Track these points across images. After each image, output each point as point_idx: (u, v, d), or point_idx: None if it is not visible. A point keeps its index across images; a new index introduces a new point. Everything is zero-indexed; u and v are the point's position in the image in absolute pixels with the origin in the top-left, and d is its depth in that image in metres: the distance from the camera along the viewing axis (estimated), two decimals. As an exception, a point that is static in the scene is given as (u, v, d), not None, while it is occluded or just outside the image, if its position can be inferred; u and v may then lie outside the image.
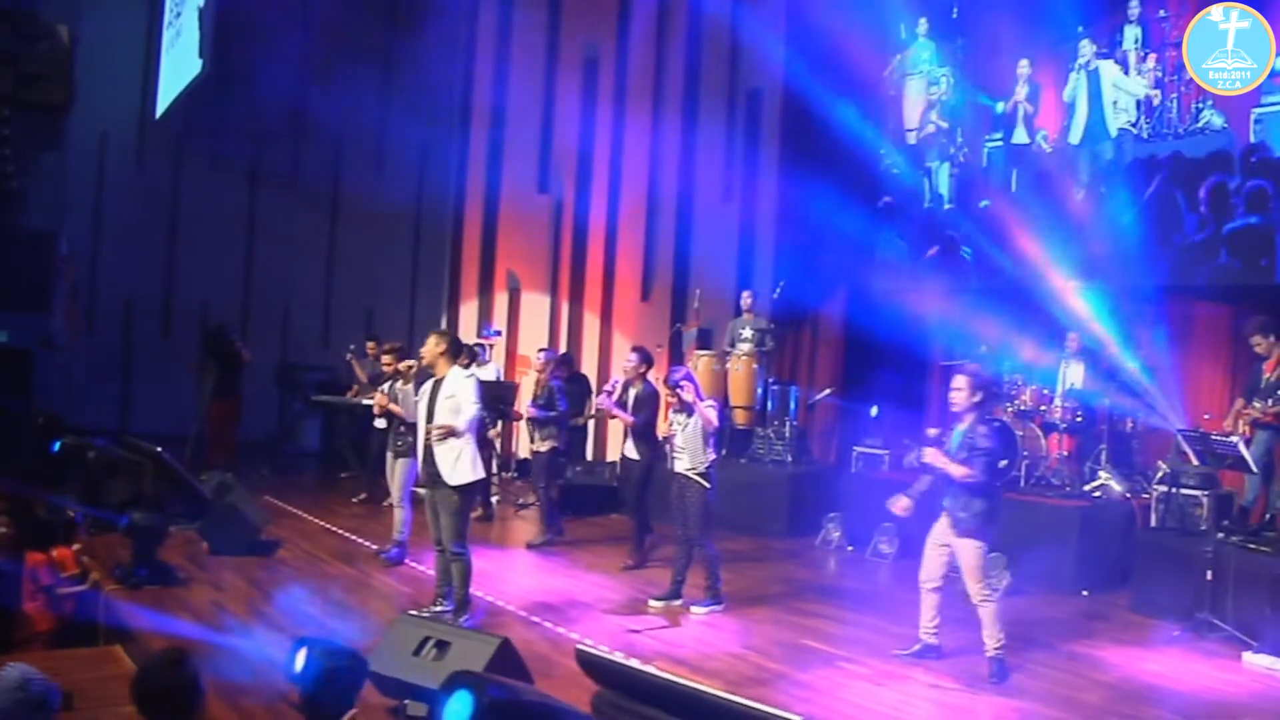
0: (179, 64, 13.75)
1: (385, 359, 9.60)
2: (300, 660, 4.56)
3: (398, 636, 5.50)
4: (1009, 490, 9.45)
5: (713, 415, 7.89)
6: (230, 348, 12.39)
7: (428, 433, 7.12)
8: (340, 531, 10.15)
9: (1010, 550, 8.76)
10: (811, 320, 12.93)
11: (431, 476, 7.21)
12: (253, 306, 15.81)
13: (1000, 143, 11.53)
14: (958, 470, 6.41)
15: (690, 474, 7.81)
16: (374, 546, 9.35)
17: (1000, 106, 11.42)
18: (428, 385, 7.34)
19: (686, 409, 7.85)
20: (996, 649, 6.41)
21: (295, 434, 15.52)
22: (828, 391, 11.98)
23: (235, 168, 15.37)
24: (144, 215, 15.17)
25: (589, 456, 13.72)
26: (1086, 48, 10.58)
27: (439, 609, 7.23)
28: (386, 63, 15.09)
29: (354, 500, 11.58)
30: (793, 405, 11.71)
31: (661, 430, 8.54)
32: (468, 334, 14.84)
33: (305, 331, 16.03)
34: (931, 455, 6.59)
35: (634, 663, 4.25)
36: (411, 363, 9.00)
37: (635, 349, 9.72)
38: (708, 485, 7.82)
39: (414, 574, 8.63)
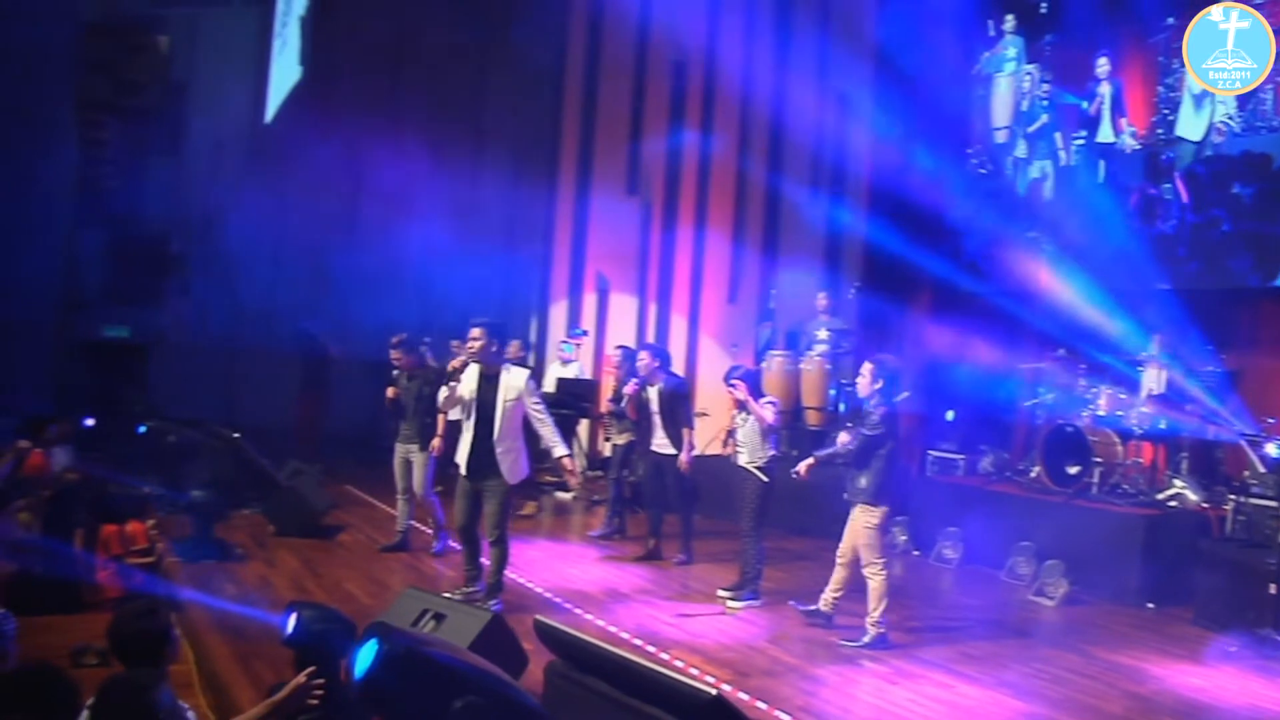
0: (286, 71, 14.34)
1: (394, 354, 9.32)
2: (291, 623, 4.77)
3: (401, 608, 5.65)
4: (1078, 498, 9.21)
5: (767, 413, 7.90)
6: (316, 344, 12.84)
7: (478, 426, 7.23)
8: (414, 523, 10.37)
9: (1072, 558, 8.49)
10: (894, 322, 12.71)
11: (481, 469, 7.28)
12: (350, 305, 16.29)
13: (1084, 140, 11.16)
14: (843, 438, 7.12)
15: (750, 467, 7.90)
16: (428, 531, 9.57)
17: (1086, 104, 11.06)
18: (472, 376, 7.40)
19: (743, 406, 7.91)
20: (875, 622, 6.86)
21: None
22: (904, 395, 11.72)
23: (338, 172, 15.89)
24: (253, 217, 15.83)
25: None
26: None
27: (470, 590, 7.37)
28: (480, 67, 15.41)
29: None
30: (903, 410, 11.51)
31: (723, 423, 8.59)
32: (557, 334, 15.04)
33: (406, 330, 16.42)
34: (801, 466, 7.40)
35: (582, 635, 4.27)
36: (462, 359, 9.13)
37: (645, 346, 9.77)
38: (766, 479, 7.86)
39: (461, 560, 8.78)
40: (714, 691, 3.55)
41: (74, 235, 15.22)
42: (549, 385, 12.62)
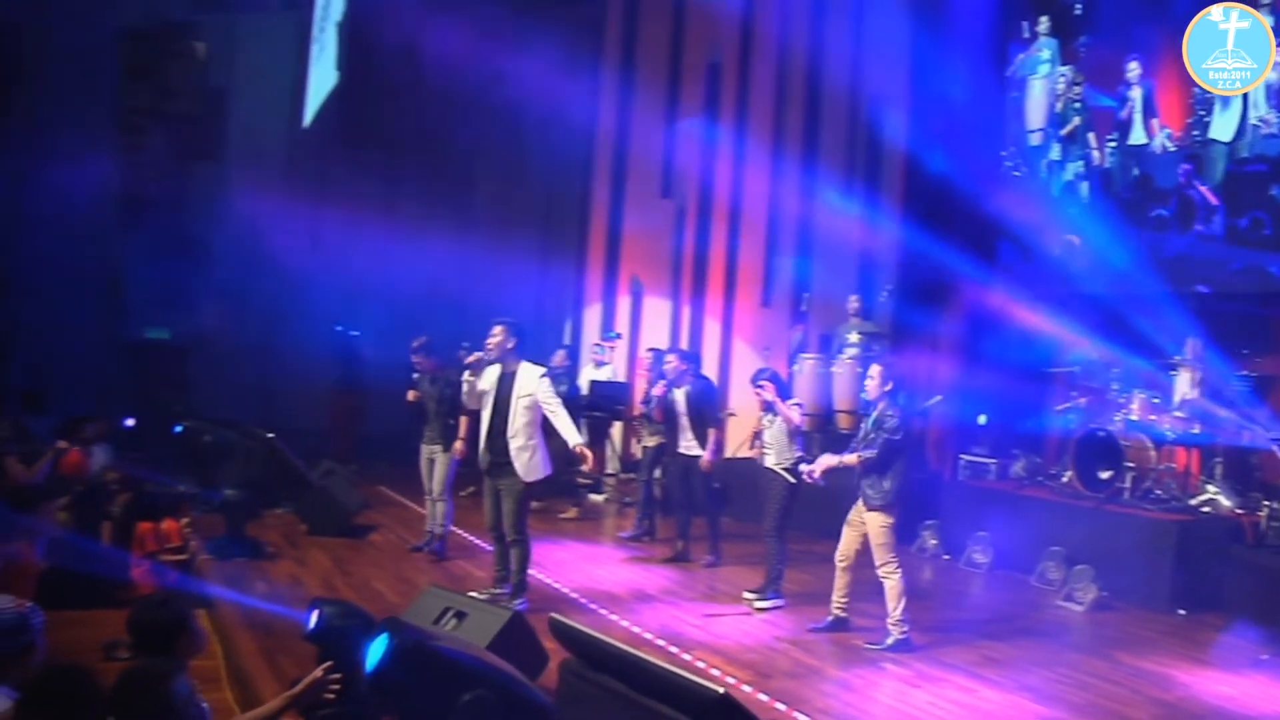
0: (323, 75, 14.52)
1: (416, 357, 9.40)
2: (313, 619, 4.85)
3: (424, 605, 5.73)
4: (1109, 503, 9.14)
5: (794, 414, 7.93)
6: (351, 347, 12.98)
7: (494, 420, 7.34)
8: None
9: (1101, 563, 8.43)
10: (927, 325, 12.65)
11: (499, 466, 7.40)
12: (389, 308, 16.45)
13: (1116, 143, 11.06)
14: (852, 459, 7.02)
15: (777, 468, 7.93)
16: (467, 535, 9.65)
17: (1118, 107, 10.96)
18: (492, 374, 7.50)
19: (770, 407, 7.94)
20: (895, 622, 6.90)
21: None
22: (937, 399, 11.71)
23: (374, 176, 16.06)
24: (291, 221, 16.00)
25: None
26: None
27: (498, 591, 7.44)
28: (516, 71, 15.50)
29: (461, 494, 11.93)
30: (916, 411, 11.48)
31: (751, 425, 8.61)
32: (591, 337, 15.11)
33: (438, 333, 16.56)
34: (824, 461, 7.24)
35: (594, 633, 4.30)
36: (479, 355, 9.20)
37: (673, 349, 9.80)
38: (792, 480, 7.87)
39: (489, 559, 8.85)
40: (721, 690, 3.55)
41: (117, 239, 15.47)
42: (582, 388, 12.69)
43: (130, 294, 15.32)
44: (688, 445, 9.30)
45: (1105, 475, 9.37)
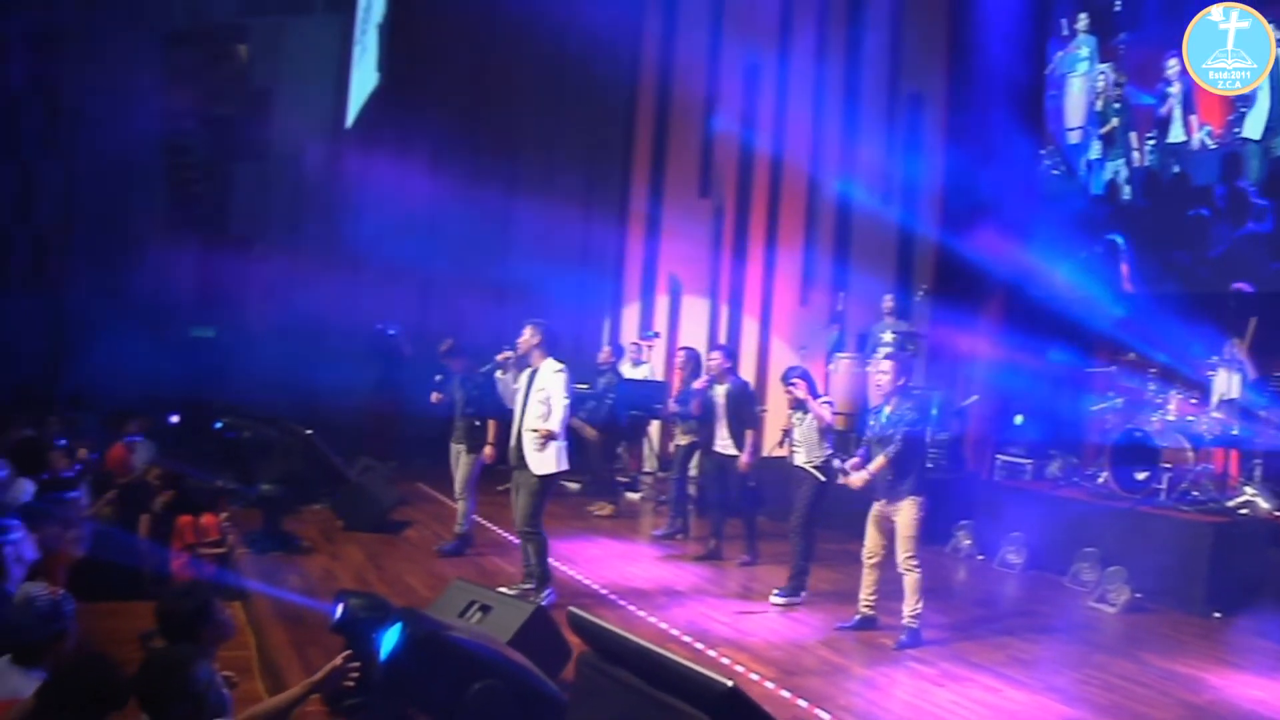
0: (365, 77, 14.70)
1: (444, 360, 9.50)
2: (339, 611, 4.96)
3: (450, 599, 5.81)
4: (1144, 504, 9.05)
5: (825, 412, 7.96)
6: (392, 345, 13.14)
7: (519, 417, 7.45)
8: (477, 518, 10.56)
9: (1136, 564, 8.34)
10: (964, 324, 12.58)
11: (518, 458, 7.52)
12: (429, 306, 16.64)
13: (1155, 141, 10.93)
14: (880, 461, 7.01)
15: (807, 467, 7.95)
16: (501, 531, 9.74)
17: (1158, 104, 10.85)
18: (525, 374, 7.65)
19: (800, 405, 7.96)
20: (912, 618, 6.95)
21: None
22: (974, 399, 11.65)
23: (415, 173, 16.21)
24: (334, 220, 16.24)
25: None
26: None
27: (527, 586, 7.52)
28: (556, 68, 15.62)
29: (500, 489, 12.04)
30: (934, 411, 11.42)
31: (782, 424, 8.61)
32: (629, 336, 15.16)
33: (477, 333, 16.72)
34: (859, 478, 7.17)
35: (609, 626, 4.36)
36: (509, 353, 9.24)
37: (717, 346, 9.79)
38: (822, 479, 7.90)
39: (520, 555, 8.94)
40: (729, 683, 3.59)
41: (165, 239, 15.78)
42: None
43: (176, 294, 15.62)
44: (724, 444, 9.32)
45: (1141, 476, 9.28)
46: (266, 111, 15.68)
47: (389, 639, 3.44)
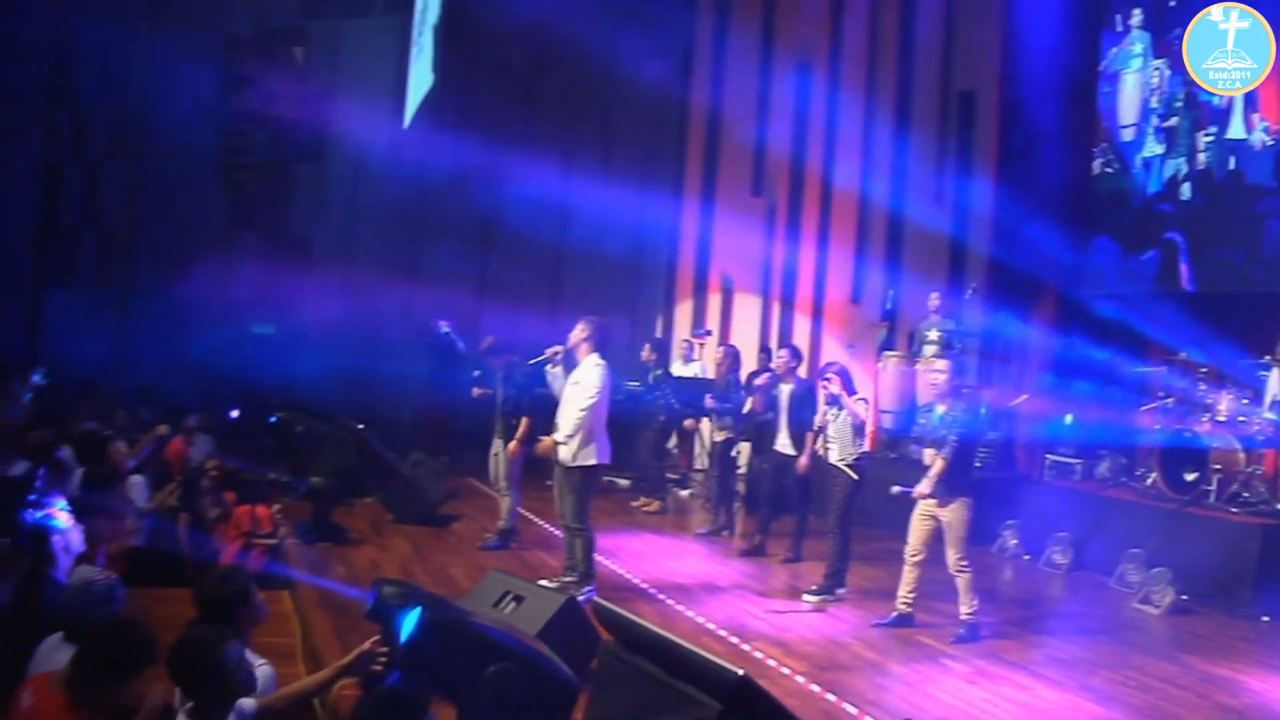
0: (421, 78, 14.93)
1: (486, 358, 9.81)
2: (373, 598, 5.10)
3: (485, 589, 5.96)
4: (1193, 505, 8.95)
5: (860, 409, 7.98)
6: (447, 342, 13.33)
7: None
8: (524, 512, 10.71)
9: (1185, 567, 8.26)
10: (1016, 323, 12.49)
11: (560, 453, 7.64)
12: (484, 304, 16.84)
13: (1214, 137, 10.76)
14: (939, 466, 7.03)
15: (840, 464, 7.98)
16: (547, 526, 9.88)
17: (1217, 99, 10.66)
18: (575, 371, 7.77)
19: (834, 401, 7.99)
20: (969, 614, 7.03)
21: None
22: (1023, 398, 11.56)
23: (470, 175, 16.42)
24: (391, 218, 16.49)
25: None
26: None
27: (568, 579, 7.64)
28: (609, 69, 15.72)
29: (547, 483, 12.18)
30: (981, 410, 11.36)
31: (817, 420, 8.64)
32: (682, 333, 15.24)
33: (531, 332, 16.90)
34: (923, 487, 7.13)
35: (630, 615, 4.45)
36: (558, 348, 9.37)
37: (787, 345, 9.82)
38: (855, 476, 7.93)
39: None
40: (740, 672, 3.68)
41: (226, 238, 16.15)
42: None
43: (237, 291, 15.99)
44: (783, 443, 9.37)
45: (1191, 477, 9.18)
46: (324, 113, 15.99)
47: (409, 623, 3.57)
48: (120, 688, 3.74)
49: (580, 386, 7.51)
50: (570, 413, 7.52)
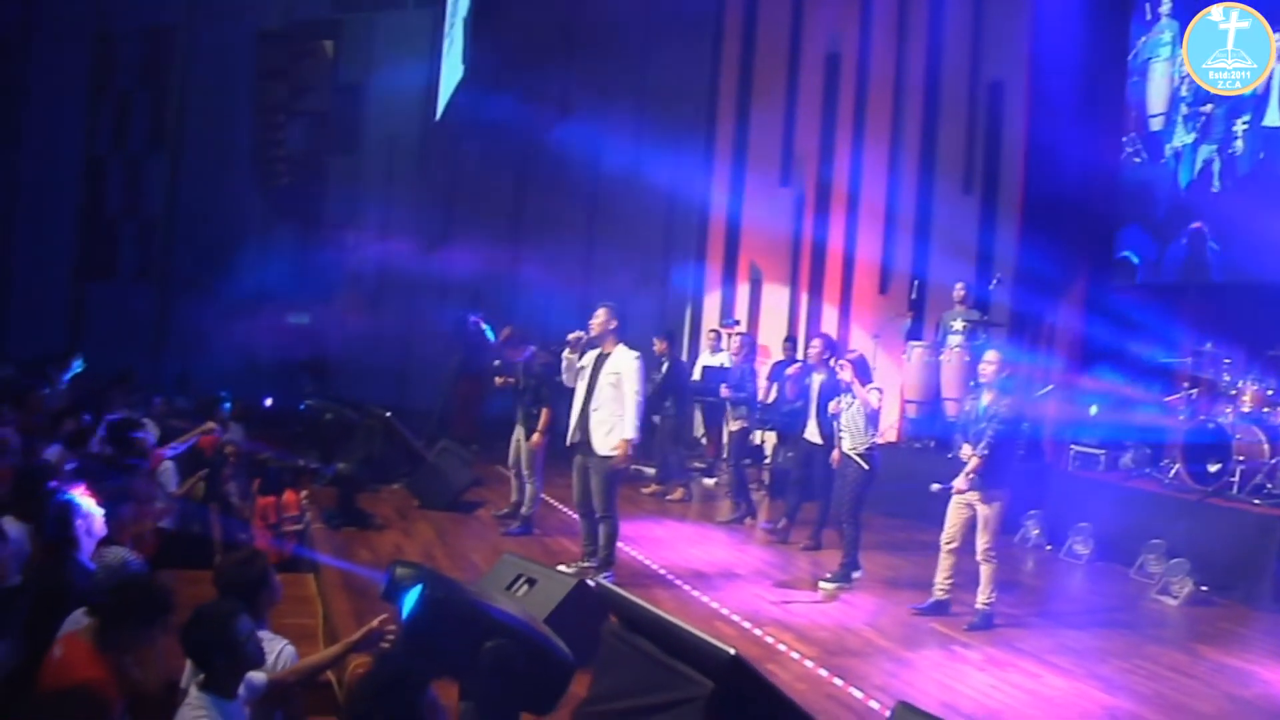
0: (452, 70, 15.09)
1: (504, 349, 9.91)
2: (386, 579, 5.24)
3: (499, 572, 6.09)
4: (1215, 496, 8.92)
5: (873, 399, 8.02)
6: (474, 332, 13.49)
7: (586, 398, 7.66)
8: (548, 499, 10.84)
9: (1205, 558, 8.25)
10: (1041, 313, 12.47)
11: (586, 444, 7.71)
12: (518, 294, 16.98)
13: (1249, 124, 10.68)
14: (975, 461, 7.07)
15: (851, 453, 8.02)
16: (569, 512, 10.00)
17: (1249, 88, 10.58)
18: (591, 356, 7.83)
19: (847, 390, 8.03)
20: (986, 603, 7.06)
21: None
22: (1049, 388, 11.54)
23: (503, 166, 16.57)
24: (425, 209, 16.67)
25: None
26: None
27: (586, 565, 7.75)
28: (639, 61, 15.81)
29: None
30: (1024, 402, 11.35)
31: (830, 407, 8.69)
32: (710, 324, 15.31)
33: (563, 319, 17.03)
34: (960, 482, 7.19)
35: (629, 596, 4.57)
36: (580, 334, 9.40)
37: (820, 335, 9.85)
38: (866, 466, 7.97)
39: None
40: (732, 651, 3.79)
41: (262, 229, 16.41)
42: (695, 373, 12.91)
43: (273, 281, 16.25)
44: (811, 433, 9.42)
45: (1214, 469, 9.14)
46: (358, 105, 16.21)
47: (410, 600, 3.69)
48: (140, 635, 3.98)
49: (624, 380, 7.57)
50: (627, 408, 7.55)
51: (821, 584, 7.93)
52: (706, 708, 3.78)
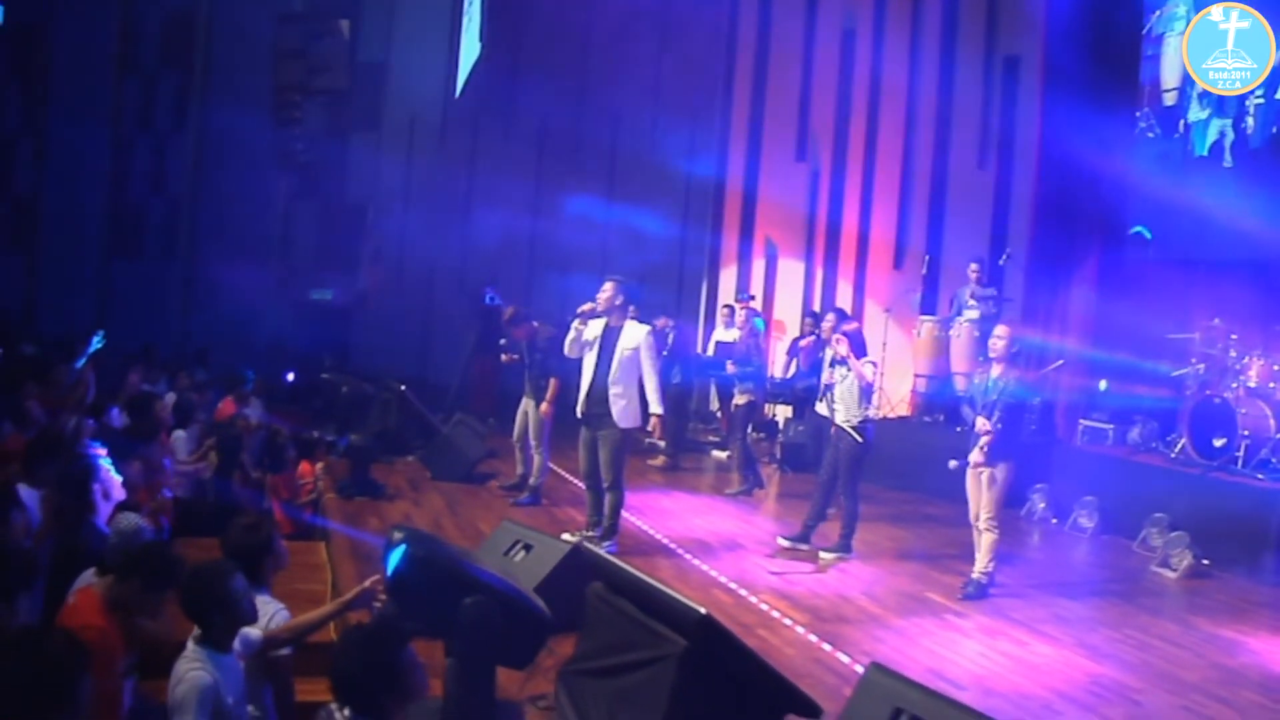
0: (470, 48, 15.21)
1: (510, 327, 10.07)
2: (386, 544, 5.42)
3: (497, 538, 6.26)
4: (1218, 471, 8.97)
5: (868, 372, 8.10)
6: (490, 309, 13.67)
7: (596, 371, 7.79)
8: (560, 471, 10.97)
9: (1207, 531, 8.31)
10: (1052, 289, 12.48)
11: (597, 416, 7.85)
12: (535, 271, 17.16)
13: (1264, 99, 10.62)
14: (986, 440, 7.12)
15: (845, 426, 8.10)
16: (578, 482, 10.15)
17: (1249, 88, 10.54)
18: (597, 327, 7.94)
19: (842, 362, 8.11)
20: (983, 572, 7.17)
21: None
22: (1058, 363, 11.56)
23: (522, 145, 16.69)
24: (445, 186, 16.83)
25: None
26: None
27: (590, 534, 7.90)
28: (656, 37, 15.86)
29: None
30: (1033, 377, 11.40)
31: (823, 379, 8.76)
32: (726, 298, 15.41)
33: (582, 297, 17.16)
34: (975, 457, 7.22)
35: (612, 560, 4.71)
36: (589, 305, 9.40)
37: (834, 309, 9.93)
38: (860, 439, 8.05)
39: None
40: (703, 610, 3.93)
41: (283, 207, 16.63)
42: (710, 349, 13.03)
43: (296, 258, 16.50)
44: (823, 406, 9.49)
45: (1219, 443, 9.19)
46: (378, 83, 16.36)
47: (394, 558, 3.85)
48: (147, 600, 4.21)
49: (638, 352, 7.72)
50: (649, 383, 7.75)
51: (821, 554, 8.04)
52: (680, 664, 3.92)
